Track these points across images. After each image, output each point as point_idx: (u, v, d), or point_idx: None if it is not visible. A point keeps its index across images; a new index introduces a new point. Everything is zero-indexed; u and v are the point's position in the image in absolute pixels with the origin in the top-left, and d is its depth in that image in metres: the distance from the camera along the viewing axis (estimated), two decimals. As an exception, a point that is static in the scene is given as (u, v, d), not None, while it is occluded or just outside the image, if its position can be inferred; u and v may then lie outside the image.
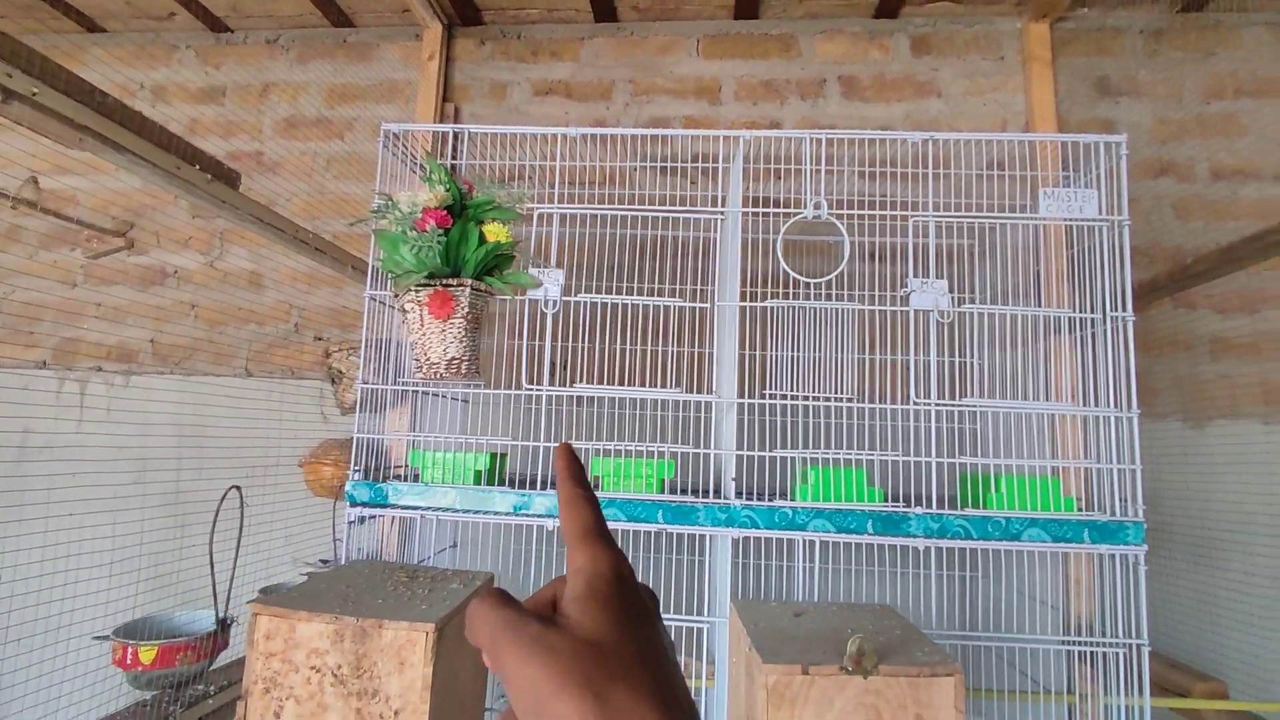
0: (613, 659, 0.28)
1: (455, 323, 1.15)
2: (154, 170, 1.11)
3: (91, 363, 2.23)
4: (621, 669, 0.27)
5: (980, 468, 1.20)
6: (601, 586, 0.30)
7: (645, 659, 0.28)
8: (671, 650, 0.31)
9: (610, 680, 0.27)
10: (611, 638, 0.28)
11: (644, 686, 0.27)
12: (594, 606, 0.29)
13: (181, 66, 2.38)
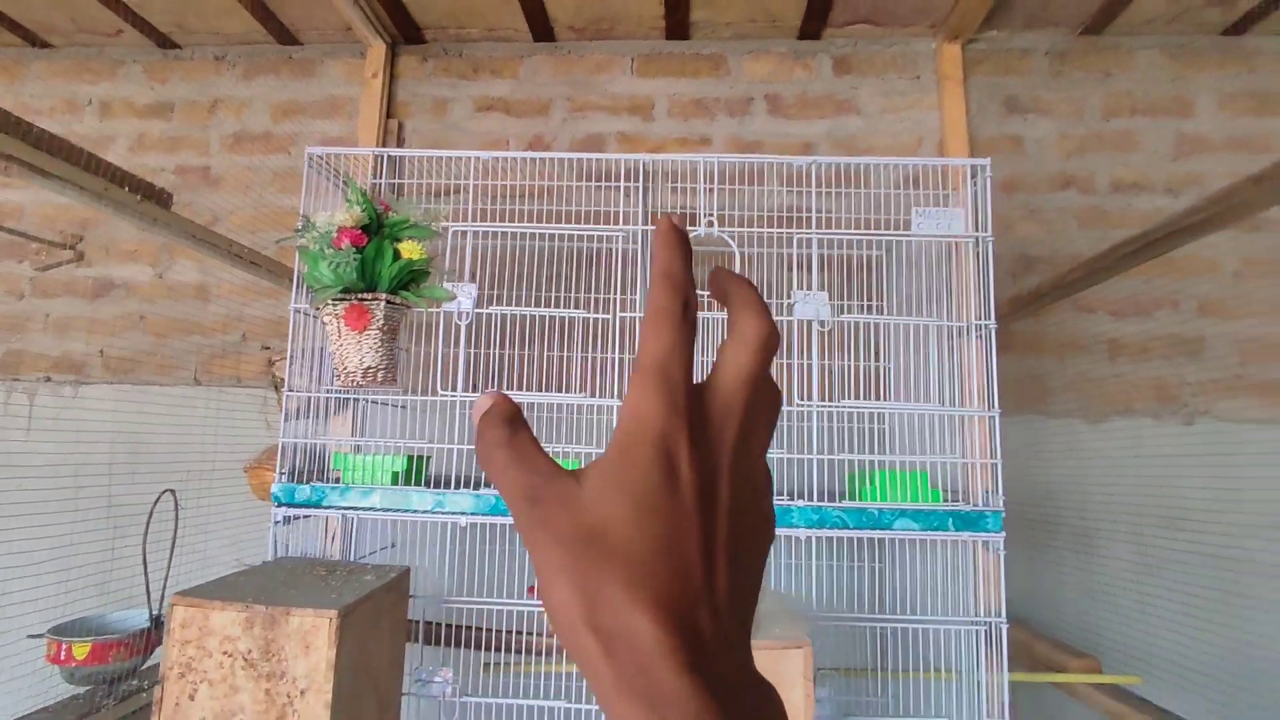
0: (616, 551, 0.23)
1: (371, 334, 1.23)
2: (83, 193, 1.18)
3: (39, 373, 2.27)
4: (622, 565, 0.23)
5: (861, 463, 1.31)
6: (636, 447, 0.25)
7: (666, 553, 0.23)
8: (741, 537, 0.25)
9: (604, 579, 0.23)
10: (624, 522, 0.24)
11: (645, 588, 0.22)
12: (617, 475, 0.24)
13: (128, 81, 2.43)
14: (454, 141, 2.32)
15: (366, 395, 1.39)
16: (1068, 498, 2.05)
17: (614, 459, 0.24)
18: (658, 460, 0.24)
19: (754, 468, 0.27)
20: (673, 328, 0.25)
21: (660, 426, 0.24)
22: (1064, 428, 2.09)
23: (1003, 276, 2.18)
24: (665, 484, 0.24)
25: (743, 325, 0.27)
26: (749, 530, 0.26)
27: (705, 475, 0.25)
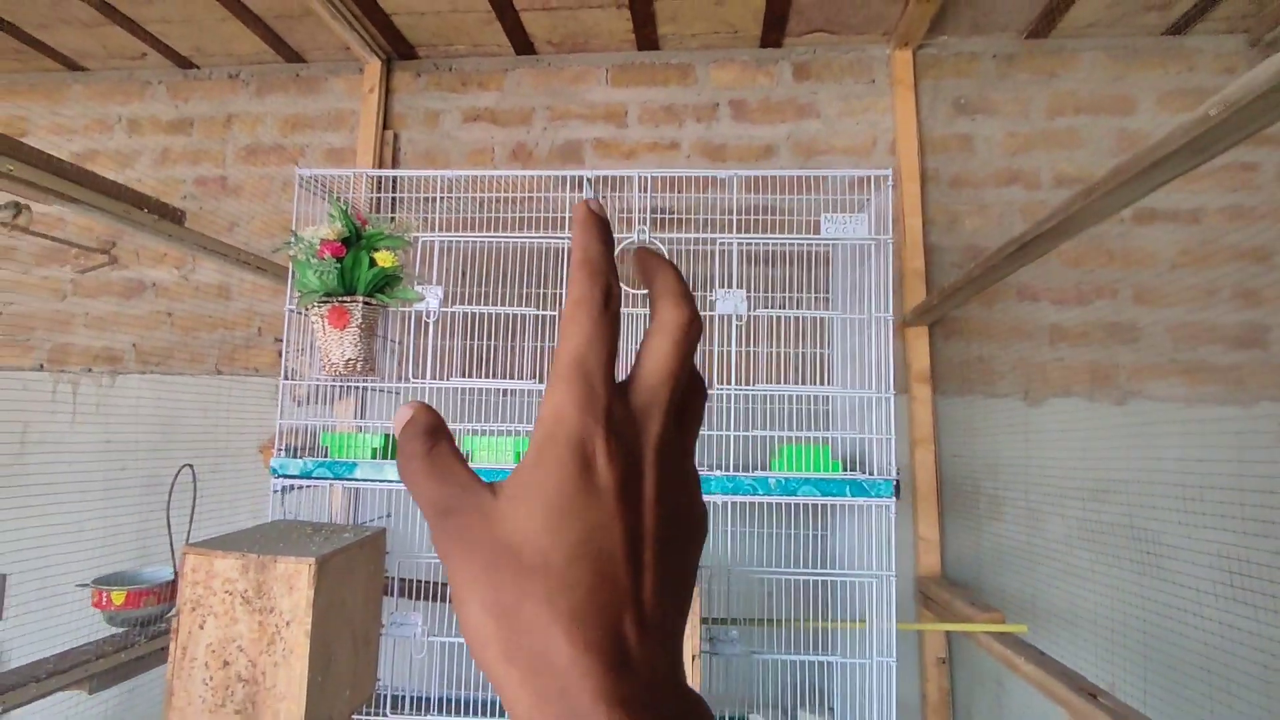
0: (533, 564, 0.22)
1: (351, 331, 1.46)
2: (108, 215, 1.41)
3: (81, 365, 2.55)
4: (540, 579, 0.22)
5: (779, 439, 1.50)
6: (551, 447, 0.23)
7: (586, 559, 0.22)
8: (669, 530, 0.24)
9: (521, 596, 0.21)
10: (540, 530, 0.22)
11: (563, 602, 0.21)
12: (533, 480, 0.23)
13: (153, 100, 2.69)
14: (445, 150, 2.54)
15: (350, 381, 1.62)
16: (1010, 472, 2.21)
17: (530, 463, 0.23)
18: (574, 460, 0.23)
19: (682, 464, 0.26)
20: (591, 319, 0.24)
21: (576, 424, 0.23)
22: (1006, 407, 2.24)
23: (949, 268, 2.34)
24: (582, 485, 0.22)
25: (664, 314, 0.25)
26: (678, 529, 0.24)
27: (627, 473, 0.23)
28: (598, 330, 0.24)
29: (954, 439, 2.22)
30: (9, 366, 2.54)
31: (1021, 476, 2.19)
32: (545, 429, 0.23)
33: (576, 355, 0.24)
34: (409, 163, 2.55)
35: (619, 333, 0.25)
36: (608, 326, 0.24)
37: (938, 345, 2.27)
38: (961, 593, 1.94)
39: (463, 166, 2.52)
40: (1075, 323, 2.25)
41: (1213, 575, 1.37)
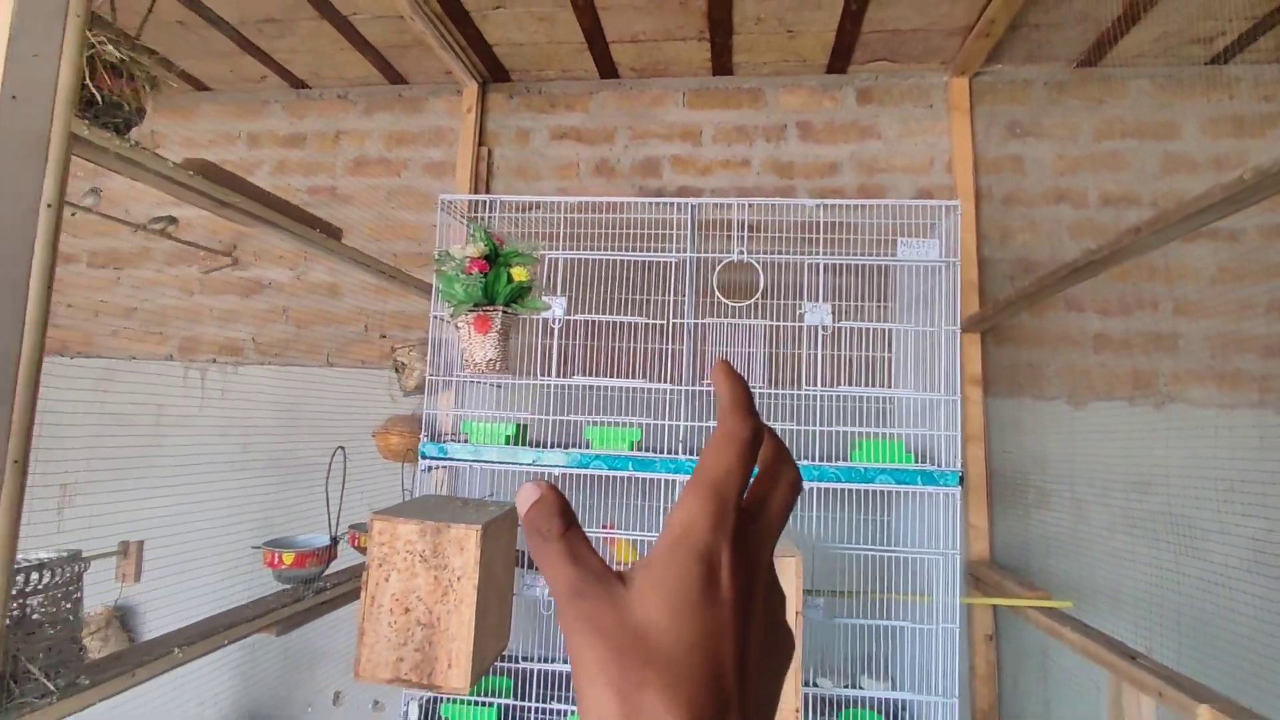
0: (656, 654, 0.24)
1: (491, 336, 1.71)
2: (290, 235, 1.68)
3: (208, 355, 2.85)
4: (662, 668, 0.24)
5: (857, 434, 1.73)
6: (682, 553, 0.26)
7: (702, 657, 0.24)
8: (768, 647, 0.27)
9: (643, 683, 0.24)
10: (666, 625, 0.25)
11: (681, 692, 0.23)
12: (662, 578, 0.26)
13: (271, 117, 2.97)
14: (534, 165, 2.79)
15: (485, 379, 1.87)
16: (1057, 467, 2.40)
17: (659, 562, 0.26)
18: (701, 566, 0.26)
19: (778, 587, 0.29)
20: (738, 454, 0.27)
21: (708, 537, 0.26)
22: (1053, 409, 2.44)
23: (1001, 279, 2.53)
24: (707, 591, 0.25)
25: (786, 473, 0.30)
26: (776, 643, 0.27)
27: (743, 588, 0.26)
28: (740, 464, 0.27)
29: (1004, 436, 2.43)
30: (146, 355, 2.85)
31: (1067, 471, 2.38)
32: (676, 534, 0.27)
33: (716, 477, 0.27)
34: (502, 176, 2.80)
35: (754, 466, 0.29)
36: (748, 463, 0.28)
37: (989, 350, 2.47)
38: (1010, 575, 2.16)
39: (551, 179, 2.77)
40: (1118, 332, 2.44)
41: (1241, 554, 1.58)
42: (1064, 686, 2.15)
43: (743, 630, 0.26)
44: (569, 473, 1.75)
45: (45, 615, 1.08)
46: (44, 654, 1.04)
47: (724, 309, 1.78)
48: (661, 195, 2.69)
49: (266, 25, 2.50)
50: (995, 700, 2.28)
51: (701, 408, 1.88)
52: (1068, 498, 2.33)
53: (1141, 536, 2.17)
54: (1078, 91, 2.55)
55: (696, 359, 1.79)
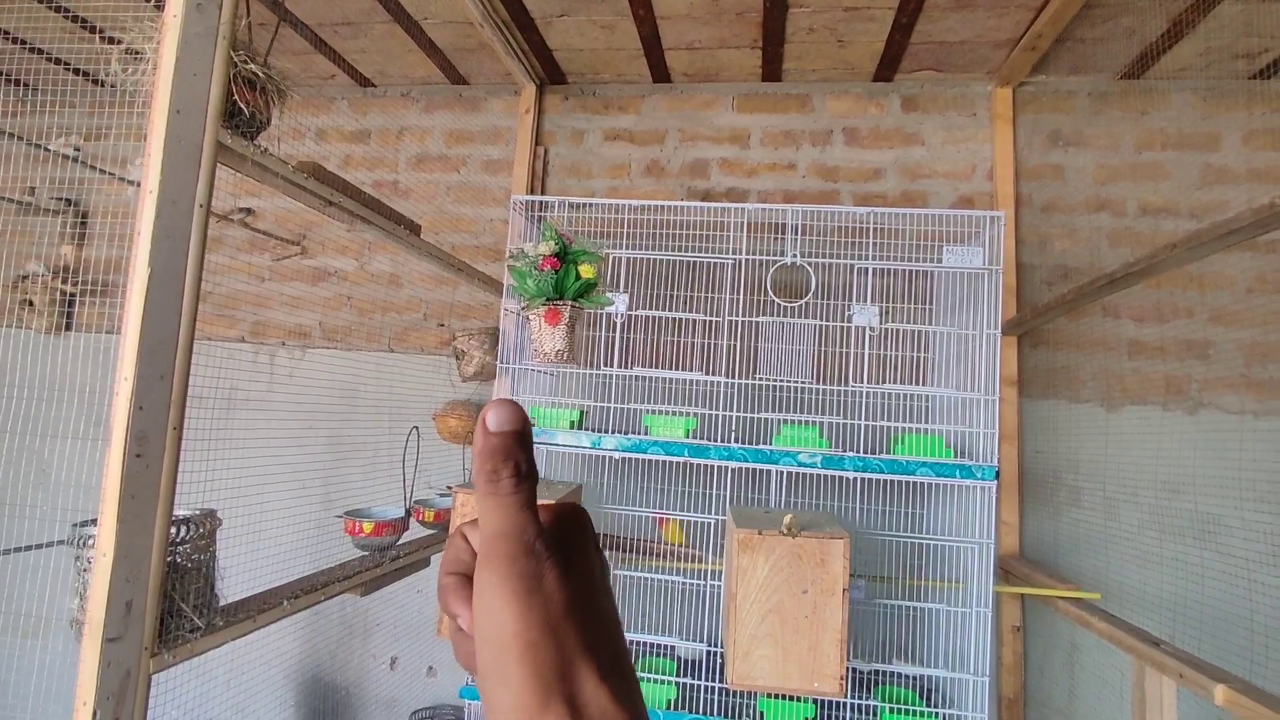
0: (591, 632, 0.28)
1: (561, 328, 1.84)
2: (381, 231, 1.82)
3: (277, 339, 3.02)
4: (593, 645, 0.28)
5: (900, 429, 1.84)
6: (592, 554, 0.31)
7: (615, 643, 0.30)
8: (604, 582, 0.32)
9: (575, 656, 0.27)
10: (596, 607, 0.30)
11: (607, 667, 0.28)
12: (583, 569, 0.30)
13: (338, 114, 3.13)
14: (588, 164, 2.91)
15: (554, 369, 2.01)
16: (1089, 468, 2.49)
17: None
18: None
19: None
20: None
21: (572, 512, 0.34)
22: (1087, 411, 2.52)
23: (1039, 285, 2.62)
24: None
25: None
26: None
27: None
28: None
29: (1037, 437, 2.52)
30: (219, 338, 3.03)
31: (1099, 472, 2.47)
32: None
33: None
34: (556, 174, 2.93)
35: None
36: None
37: (1025, 353, 2.56)
38: (1039, 568, 2.26)
39: (603, 179, 2.89)
40: (1153, 338, 2.51)
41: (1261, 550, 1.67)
42: (1089, 675, 2.25)
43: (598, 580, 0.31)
44: (627, 456, 1.88)
45: (191, 563, 1.24)
46: (192, 595, 1.19)
47: (773, 307, 1.90)
48: (709, 196, 2.81)
49: (342, 27, 2.65)
50: (1021, 689, 2.38)
51: (751, 400, 2.01)
52: (1099, 497, 2.42)
53: (1169, 536, 2.26)
54: (1120, 103, 2.61)
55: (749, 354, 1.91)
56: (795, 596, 1.52)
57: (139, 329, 1.08)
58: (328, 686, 2.75)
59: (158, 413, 1.11)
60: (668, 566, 1.99)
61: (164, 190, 1.11)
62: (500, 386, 2.02)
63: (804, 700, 1.76)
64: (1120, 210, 2.58)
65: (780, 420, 1.85)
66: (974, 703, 1.74)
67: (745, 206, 1.92)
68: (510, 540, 0.29)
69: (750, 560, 1.54)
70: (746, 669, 1.53)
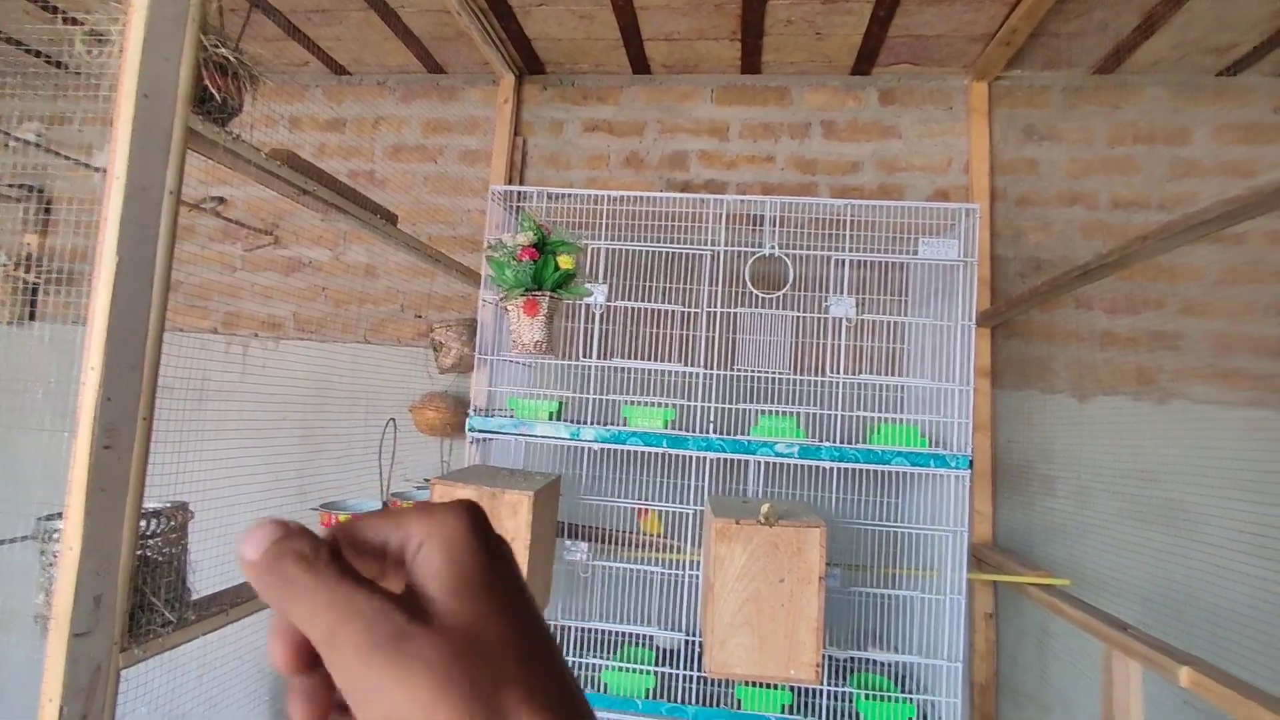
0: (497, 659, 0.23)
1: (539, 319, 1.83)
2: (357, 220, 1.80)
3: (250, 330, 2.98)
4: (507, 670, 0.23)
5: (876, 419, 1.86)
6: (467, 557, 0.25)
7: (532, 649, 0.24)
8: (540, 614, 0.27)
9: (496, 689, 0.22)
10: (494, 629, 0.24)
11: (536, 687, 0.23)
12: (465, 587, 0.24)
13: (312, 102, 3.08)
14: (567, 155, 2.90)
15: (533, 359, 2.00)
16: (1062, 457, 2.53)
17: (449, 572, 0.25)
18: (494, 556, 0.26)
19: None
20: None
21: (476, 521, 0.27)
22: (1059, 402, 2.56)
23: (1013, 277, 2.65)
24: (509, 571, 0.26)
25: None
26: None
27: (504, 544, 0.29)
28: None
29: (1010, 427, 2.55)
30: (191, 328, 2.98)
31: (1071, 461, 2.51)
32: (449, 537, 0.26)
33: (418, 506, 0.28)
34: (535, 165, 2.91)
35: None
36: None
37: (999, 344, 2.59)
38: (1011, 556, 2.30)
39: (582, 170, 2.88)
40: (1125, 330, 2.55)
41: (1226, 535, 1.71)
42: (1060, 661, 2.30)
43: (535, 604, 0.27)
44: (604, 448, 1.88)
45: (162, 557, 1.21)
46: (163, 589, 1.17)
47: (751, 299, 1.90)
48: (689, 188, 2.81)
49: (316, 14, 2.61)
50: (993, 675, 2.42)
51: (728, 390, 2.02)
52: (1070, 486, 2.46)
53: (1139, 524, 2.31)
54: (1093, 97, 2.65)
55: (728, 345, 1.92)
56: (772, 585, 1.53)
57: (106, 319, 1.06)
58: (304, 681, 2.72)
59: (127, 404, 1.09)
60: (647, 557, 1.99)
61: (132, 176, 1.08)
62: (479, 377, 2.01)
63: (780, 688, 1.77)
64: (1093, 203, 2.62)
65: (758, 411, 1.86)
66: (947, 688, 1.76)
67: (724, 198, 1.91)
68: (350, 626, 0.23)
69: (728, 549, 1.54)
70: (724, 657, 1.54)
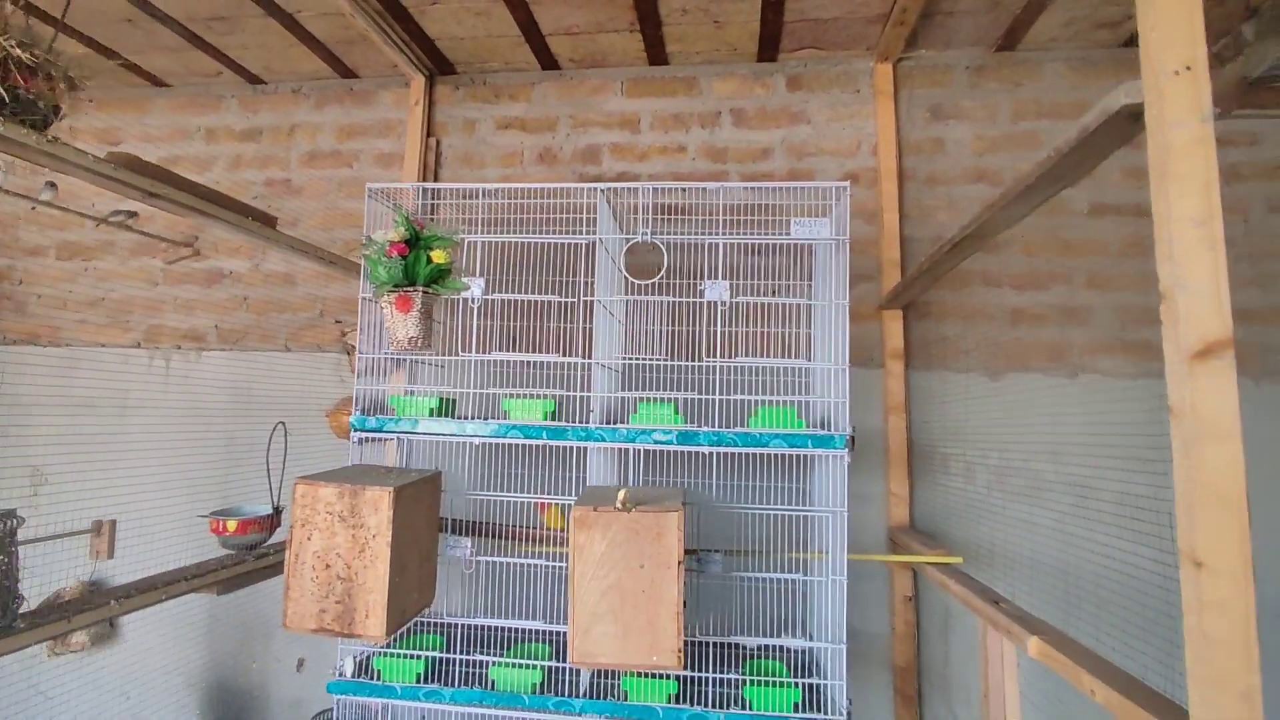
0: None
1: (413, 315, 1.83)
2: (225, 224, 1.79)
3: (172, 343, 2.97)
4: None
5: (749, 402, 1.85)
6: None
7: None
8: None
9: None
10: None
11: None
12: None
13: (227, 113, 3.07)
14: (481, 154, 2.89)
15: (411, 356, 1.99)
16: (973, 438, 2.52)
17: None
18: None
19: None
20: None
21: None
22: (971, 381, 2.56)
23: (923, 258, 2.64)
24: None
25: None
26: None
27: None
28: None
29: (925, 408, 2.55)
30: (113, 344, 2.97)
31: (982, 441, 2.51)
32: None
33: None
34: (449, 165, 2.91)
35: None
36: None
37: (911, 326, 2.59)
38: (921, 537, 2.29)
39: (496, 168, 2.88)
40: (1034, 305, 2.55)
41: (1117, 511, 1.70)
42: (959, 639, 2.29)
43: None
44: (489, 441, 1.88)
45: (-23, 565, 1.20)
46: (-25, 598, 1.16)
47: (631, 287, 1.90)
48: (601, 181, 2.80)
49: (215, 22, 2.60)
50: (914, 658, 2.42)
51: (609, 380, 2.01)
52: (980, 466, 2.45)
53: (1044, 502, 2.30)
54: (996, 75, 2.65)
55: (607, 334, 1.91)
56: (633, 571, 1.53)
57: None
58: (231, 691, 2.71)
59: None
60: (538, 551, 1.98)
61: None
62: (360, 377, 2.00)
63: (667, 677, 1.76)
64: (998, 180, 2.62)
65: (637, 399, 1.85)
66: (832, 670, 1.75)
67: (599, 186, 1.91)
68: None
69: (587, 537, 1.54)
70: (587, 646, 1.53)
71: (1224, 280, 0.95)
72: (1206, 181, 0.98)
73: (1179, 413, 0.95)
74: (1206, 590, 0.90)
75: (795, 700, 1.72)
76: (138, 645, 2.76)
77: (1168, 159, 0.99)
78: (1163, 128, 1.00)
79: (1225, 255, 0.97)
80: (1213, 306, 0.95)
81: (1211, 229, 0.97)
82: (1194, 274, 0.96)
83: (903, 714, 2.41)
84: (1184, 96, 0.99)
